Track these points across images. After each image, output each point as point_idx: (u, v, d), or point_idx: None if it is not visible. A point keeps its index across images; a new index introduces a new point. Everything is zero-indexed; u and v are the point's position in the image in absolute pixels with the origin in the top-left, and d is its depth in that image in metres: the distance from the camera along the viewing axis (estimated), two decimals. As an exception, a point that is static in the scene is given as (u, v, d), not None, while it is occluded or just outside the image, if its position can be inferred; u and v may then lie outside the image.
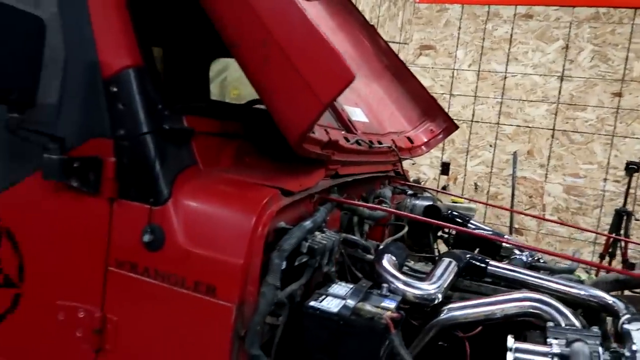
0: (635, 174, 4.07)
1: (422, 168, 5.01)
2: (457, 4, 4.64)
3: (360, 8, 5.06)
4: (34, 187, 1.34)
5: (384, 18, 5.06)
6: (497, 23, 4.69)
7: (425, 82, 4.82)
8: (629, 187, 3.82)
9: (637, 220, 3.97)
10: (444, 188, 3.64)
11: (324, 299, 1.23)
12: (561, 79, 4.49)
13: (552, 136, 4.55)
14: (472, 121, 4.82)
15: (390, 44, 4.69)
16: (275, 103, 1.20)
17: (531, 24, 4.57)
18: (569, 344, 1.17)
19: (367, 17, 5.08)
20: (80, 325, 1.31)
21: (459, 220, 2.17)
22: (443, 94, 4.84)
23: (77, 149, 1.27)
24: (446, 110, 4.64)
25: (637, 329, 1.15)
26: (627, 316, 1.27)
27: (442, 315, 1.40)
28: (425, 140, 2.62)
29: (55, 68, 1.29)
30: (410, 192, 2.26)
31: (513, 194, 4.39)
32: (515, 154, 4.54)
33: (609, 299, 1.42)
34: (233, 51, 1.25)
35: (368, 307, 1.18)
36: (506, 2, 4.50)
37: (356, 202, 1.60)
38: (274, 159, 1.57)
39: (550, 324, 1.30)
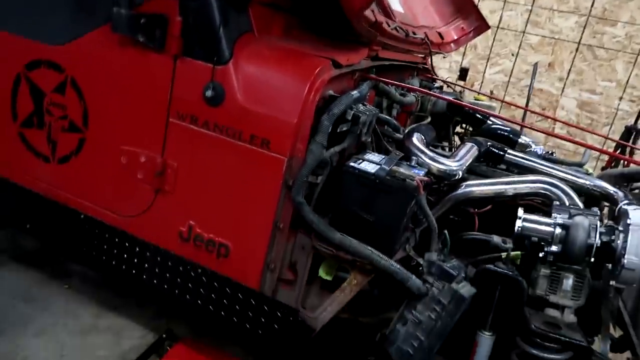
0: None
1: (441, 72, 5.01)
2: None
3: None
4: (100, 40, 1.44)
5: None
6: None
7: (456, -18, 4.67)
8: (643, 106, 3.89)
9: (645, 139, 4.10)
10: (460, 93, 3.70)
11: (361, 163, 1.39)
12: (596, -10, 4.36)
13: (577, 50, 4.51)
14: (497, 27, 4.74)
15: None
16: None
17: None
18: (571, 217, 1.35)
19: None
20: (141, 168, 1.48)
21: (479, 115, 2.28)
22: (472, -5, 4.71)
23: (144, 5, 1.35)
24: (473, 13, 4.55)
25: (634, 209, 1.32)
26: (626, 202, 1.44)
27: (460, 190, 1.57)
28: (455, 37, 2.64)
29: None
30: (436, 85, 2.34)
31: (527, 103, 4.46)
32: (536, 65, 4.52)
33: (611, 189, 1.59)
34: None
35: (402, 170, 1.34)
36: None
37: (393, 81, 1.70)
38: (319, 34, 1.65)
39: (557, 202, 1.47)
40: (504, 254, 1.49)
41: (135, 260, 1.58)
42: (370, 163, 1.39)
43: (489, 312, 1.47)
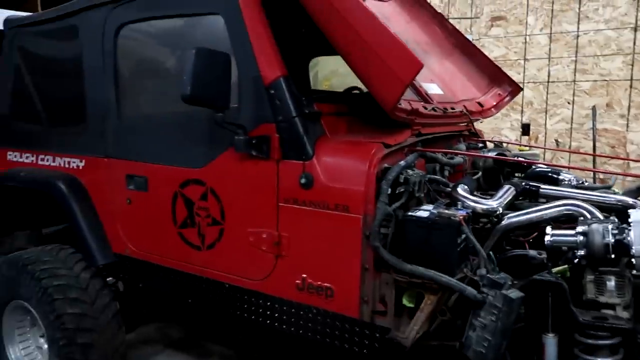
0: None
1: (504, 131, 5.40)
2: (524, -28, 4.96)
3: (431, -8, 5.55)
4: (227, 159, 2.14)
5: (455, -3, 5.49)
6: (565, -15, 4.94)
7: (499, 51, 5.22)
8: None
9: None
10: (506, 149, 4.06)
11: (417, 212, 1.88)
12: (635, 29, 4.65)
13: (631, 86, 4.73)
14: (548, 82, 5.12)
15: (462, 20, 5.16)
16: (374, 86, 1.88)
17: (600, -19, 4.77)
18: (589, 225, 1.72)
19: (439, -3, 5.55)
20: (264, 243, 2.09)
21: (524, 164, 2.68)
22: (517, 59, 5.18)
23: (253, 131, 2.04)
24: (521, 74, 5.04)
25: (636, 211, 1.68)
26: (638, 208, 1.78)
27: (503, 222, 1.99)
28: (494, 103, 3.13)
29: (234, 83, 2.05)
30: (480, 145, 2.81)
31: (594, 144, 4.68)
32: (594, 108, 4.79)
33: (631, 201, 1.93)
34: (341, 52, 1.93)
35: (447, 211, 1.82)
36: (574, -37, 4.75)
37: (434, 149, 2.22)
38: (373, 126, 2.24)
39: (581, 218, 1.85)
40: (556, 269, 1.87)
41: (268, 312, 2.14)
42: (424, 211, 1.89)
43: (547, 315, 1.82)
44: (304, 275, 2.00)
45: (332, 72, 4.68)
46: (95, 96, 2.61)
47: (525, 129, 5.29)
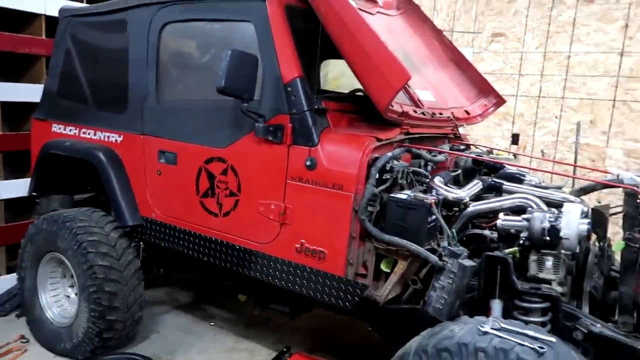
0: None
1: (495, 139, 5.82)
2: (527, -7, 5.38)
3: (439, 5, 6.00)
4: (247, 141, 2.59)
5: (460, 12, 5.91)
6: (561, 9, 5.34)
7: (497, 65, 5.64)
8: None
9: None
10: (515, 156, 4.49)
11: (397, 194, 2.32)
12: (621, 54, 5.06)
13: (613, 106, 5.14)
14: (539, 97, 5.53)
15: (465, 34, 5.59)
16: (371, 90, 2.32)
17: (593, 8, 5.17)
18: (532, 213, 2.16)
19: (445, 11, 5.98)
20: (271, 212, 2.53)
21: (497, 165, 3.10)
22: (512, 74, 5.59)
23: (271, 120, 2.48)
24: (515, 88, 5.45)
25: (568, 205, 2.12)
26: (572, 203, 2.23)
27: (469, 209, 2.43)
28: (480, 112, 3.56)
29: (259, 80, 2.49)
30: (463, 147, 3.25)
31: (576, 157, 5.09)
32: (578, 124, 5.21)
33: (573, 198, 2.37)
34: (346, 59, 2.38)
35: (421, 195, 2.26)
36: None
37: (417, 146, 2.66)
38: (369, 123, 2.68)
39: (530, 209, 2.29)
40: (508, 250, 2.30)
41: (270, 271, 2.59)
42: (403, 194, 2.33)
43: (495, 284, 2.26)
44: (303, 240, 2.45)
45: (341, 74, 5.13)
46: (137, 81, 3.07)
47: (515, 139, 5.71)
